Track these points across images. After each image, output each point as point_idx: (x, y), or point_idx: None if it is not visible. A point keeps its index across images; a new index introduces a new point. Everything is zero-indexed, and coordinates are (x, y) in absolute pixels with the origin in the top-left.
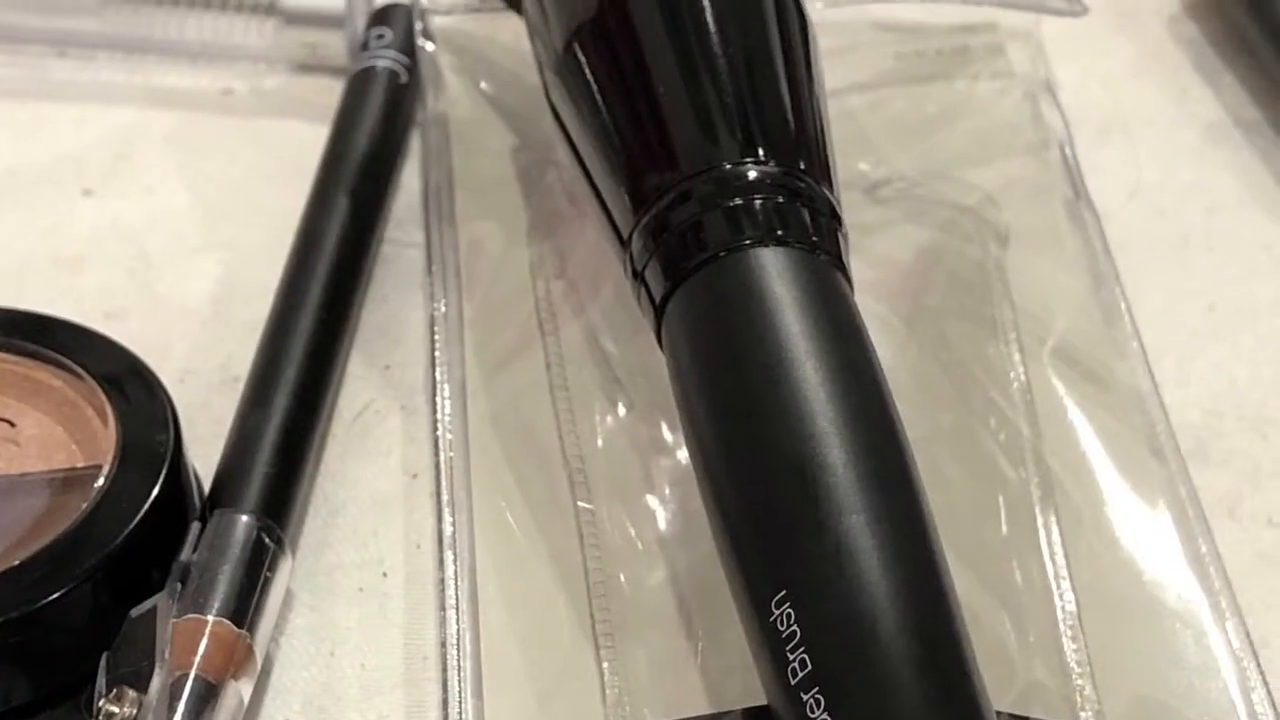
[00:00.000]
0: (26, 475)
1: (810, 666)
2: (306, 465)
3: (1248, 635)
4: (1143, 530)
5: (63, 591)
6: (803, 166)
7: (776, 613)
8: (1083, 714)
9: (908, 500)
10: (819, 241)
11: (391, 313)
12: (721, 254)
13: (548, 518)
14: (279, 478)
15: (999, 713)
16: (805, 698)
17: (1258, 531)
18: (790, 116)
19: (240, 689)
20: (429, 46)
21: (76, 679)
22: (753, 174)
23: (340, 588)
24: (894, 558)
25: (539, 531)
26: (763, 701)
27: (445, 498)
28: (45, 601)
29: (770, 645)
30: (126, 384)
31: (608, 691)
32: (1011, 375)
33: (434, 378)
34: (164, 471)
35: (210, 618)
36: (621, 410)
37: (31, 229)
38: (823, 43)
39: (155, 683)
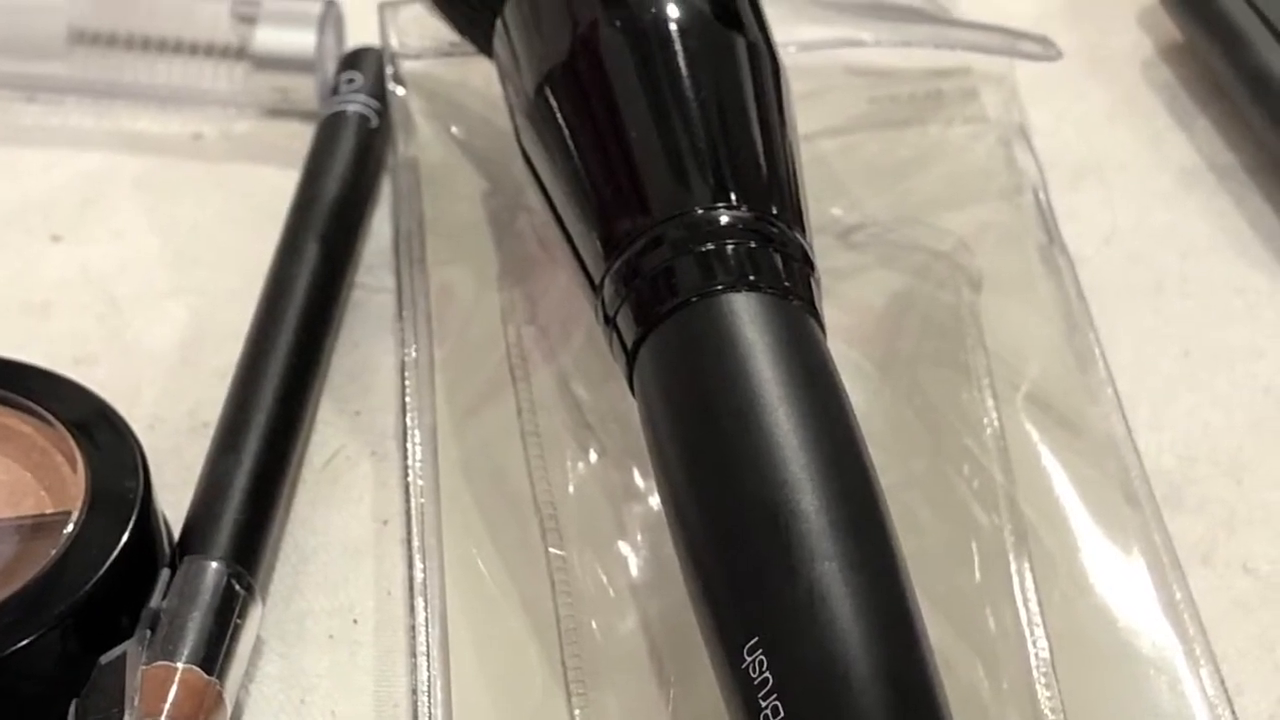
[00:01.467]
0: None
1: (783, 714)
2: (276, 511)
3: (1222, 683)
4: (1117, 577)
5: (32, 638)
6: (775, 211)
7: (749, 659)
8: None
9: (881, 547)
10: (791, 287)
11: (362, 358)
12: (693, 299)
13: (519, 564)
14: (249, 524)
15: None
16: None
17: (1232, 578)
18: (762, 161)
19: None
20: (399, 91)
21: None
22: (725, 219)
23: (310, 634)
24: (867, 604)
25: (510, 578)
26: None
27: (416, 544)
28: (14, 648)
29: (743, 692)
30: (96, 430)
31: None
32: (985, 421)
33: (405, 423)
34: (133, 518)
35: (180, 665)
36: (593, 456)
37: (0, 274)
38: (795, 87)
39: None
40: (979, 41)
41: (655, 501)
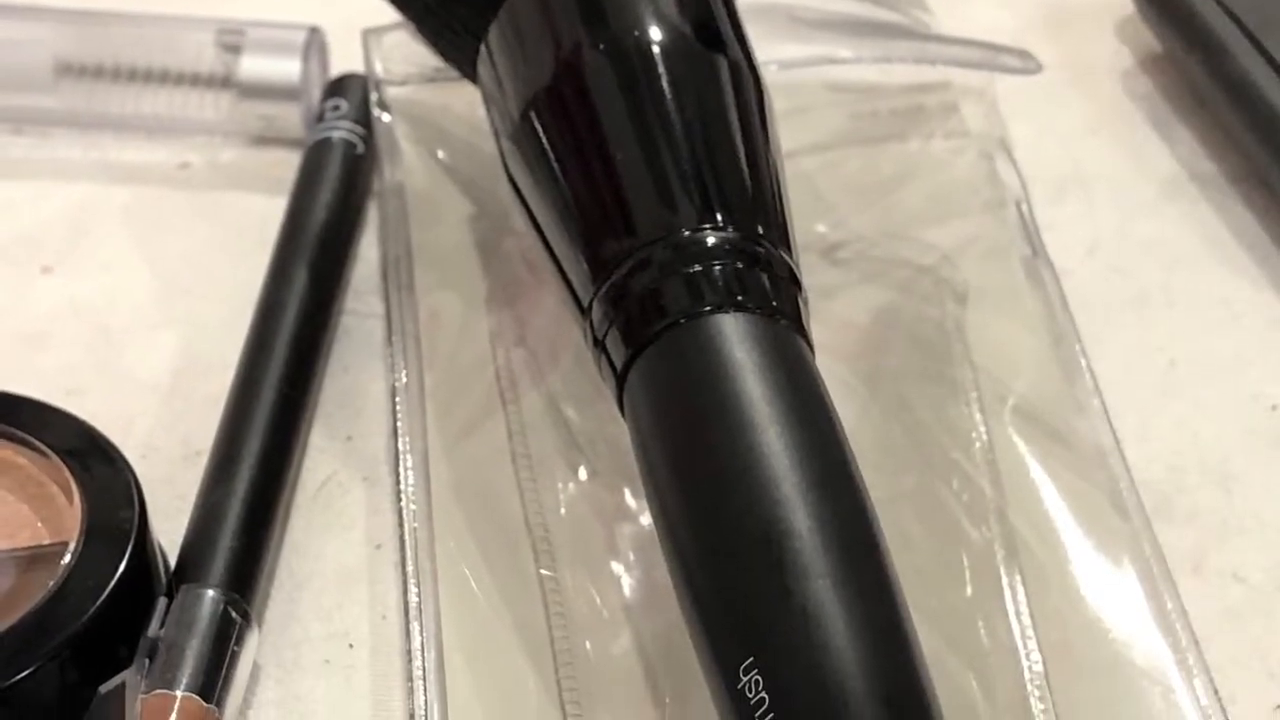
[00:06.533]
0: None
1: None
2: (271, 538)
3: (1215, 692)
4: (1108, 588)
5: (31, 670)
6: (761, 231)
7: (744, 679)
8: None
9: (874, 564)
10: (779, 306)
11: (352, 384)
12: (681, 321)
13: (512, 586)
14: (244, 551)
15: None
16: None
17: (1223, 587)
18: (747, 181)
19: None
20: (385, 117)
21: None
22: (711, 240)
23: (307, 660)
24: (861, 622)
25: (504, 600)
26: None
27: (410, 568)
28: (13, 680)
29: (739, 712)
30: (91, 461)
31: None
32: (973, 435)
33: (396, 448)
34: (130, 548)
35: (179, 693)
36: (583, 476)
37: None
38: (777, 104)
39: None
40: (959, 56)
41: (647, 521)
